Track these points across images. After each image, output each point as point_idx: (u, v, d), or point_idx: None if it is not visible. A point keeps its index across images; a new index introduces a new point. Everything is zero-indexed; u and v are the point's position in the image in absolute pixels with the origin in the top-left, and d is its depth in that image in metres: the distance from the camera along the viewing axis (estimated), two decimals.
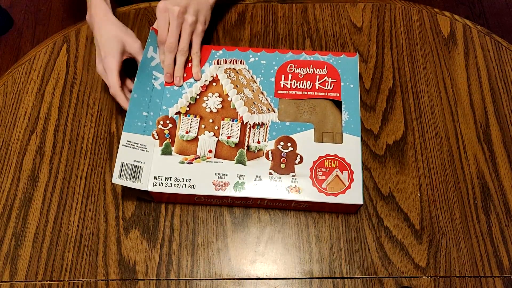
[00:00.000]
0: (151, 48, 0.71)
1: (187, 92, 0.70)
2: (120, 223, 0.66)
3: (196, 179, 0.63)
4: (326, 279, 0.62)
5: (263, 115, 0.67)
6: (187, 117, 0.68)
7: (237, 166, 0.64)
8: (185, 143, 0.66)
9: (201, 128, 0.67)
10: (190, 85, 0.70)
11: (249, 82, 0.70)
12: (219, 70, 0.71)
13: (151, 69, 0.70)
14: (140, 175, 0.63)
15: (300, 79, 0.70)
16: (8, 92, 0.77)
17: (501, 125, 0.72)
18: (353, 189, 0.62)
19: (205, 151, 0.66)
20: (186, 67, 0.72)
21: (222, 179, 0.63)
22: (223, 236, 0.65)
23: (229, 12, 0.84)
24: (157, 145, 0.66)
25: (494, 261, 0.63)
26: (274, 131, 0.66)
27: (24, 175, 0.70)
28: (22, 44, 1.69)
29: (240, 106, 0.67)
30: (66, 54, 0.80)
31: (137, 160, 0.64)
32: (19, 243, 0.65)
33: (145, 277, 0.63)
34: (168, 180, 0.63)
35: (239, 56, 0.72)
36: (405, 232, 0.65)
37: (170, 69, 0.70)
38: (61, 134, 0.73)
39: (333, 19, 0.83)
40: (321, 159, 0.64)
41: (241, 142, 0.66)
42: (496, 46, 0.79)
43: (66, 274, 0.63)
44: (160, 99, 0.69)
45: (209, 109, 0.68)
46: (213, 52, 0.73)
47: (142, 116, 0.67)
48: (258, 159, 0.65)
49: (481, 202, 0.67)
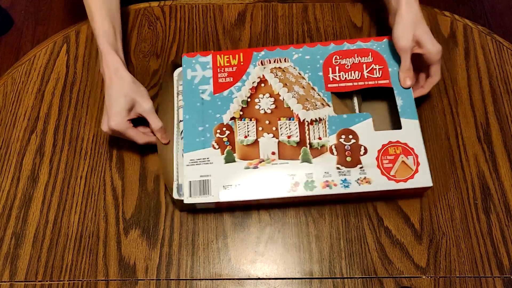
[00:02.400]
0: (188, 70, 0.70)
1: (237, 97, 0.68)
2: (120, 223, 0.66)
3: (265, 184, 0.63)
4: (326, 279, 0.62)
5: (319, 111, 0.66)
6: (242, 121, 0.67)
7: (303, 165, 0.64)
8: (246, 148, 0.65)
9: (259, 131, 0.66)
10: (238, 88, 0.69)
11: (297, 79, 0.69)
12: (265, 71, 0.69)
13: (196, 86, 0.69)
14: (209, 188, 0.63)
15: (347, 70, 0.69)
16: (8, 92, 0.77)
17: (502, 125, 0.72)
18: (420, 173, 0.62)
19: (268, 154, 0.65)
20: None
21: (292, 180, 0.63)
22: (223, 236, 0.65)
23: (229, 12, 0.84)
24: (219, 154, 0.65)
25: (494, 261, 0.63)
26: (333, 125, 0.65)
27: (24, 175, 0.70)
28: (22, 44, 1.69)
29: (294, 104, 0.67)
30: (66, 54, 0.80)
31: (203, 174, 0.63)
32: (19, 243, 0.65)
33: (145, 277, 0.63)
34: (238, 187, 0.63)
35: (282, 55, 0.71)
36: (405, 232, 0.65)
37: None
38: (61, 134, 0.73)
39: (333, 19, 0.83)
40: (384, 147, 0.64)
41: (302, 140, 0.65)
42: (497, 46, 0.79)
43: (66, 274, 0.63)
44: (212, 109, 0.68)
45: (263, 110, 0.67)
46: (255, 54, 0.71)
47: (198, 132, 0.66)
48: (322, 155, 0.64)
49: (481, 202, 0.67)
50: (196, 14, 0.84)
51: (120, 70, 0.67)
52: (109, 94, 0.66)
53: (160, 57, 0.80)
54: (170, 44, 0.81)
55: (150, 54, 0.80)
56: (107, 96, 0.66)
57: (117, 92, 0.66)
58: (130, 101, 0.66)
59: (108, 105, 0.66)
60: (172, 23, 0.83)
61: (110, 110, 0.65)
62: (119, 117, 0.65)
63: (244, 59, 0.71)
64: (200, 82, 0.70)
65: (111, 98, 0.66)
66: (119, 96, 0.65)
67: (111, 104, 0.65)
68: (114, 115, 0.65)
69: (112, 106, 0.65)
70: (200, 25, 0.83)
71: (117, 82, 0.66)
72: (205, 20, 0.83)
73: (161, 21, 0.83)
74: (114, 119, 0.65)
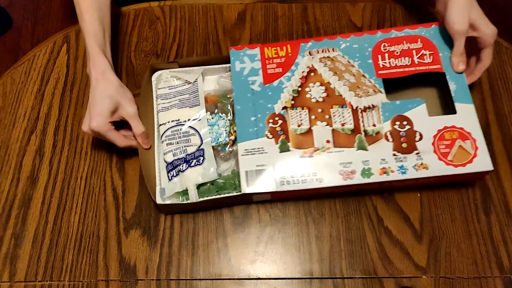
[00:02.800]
0: (237, 62, 0.71)
1: (287, 86, 0.68)
2: (121, 223, 0.66)
3: (321, 172, 0.63)
4: (326, 279, 0.62)
5: (371, 97, 0.66)
6: (294, 110, 0.67)
7: (359, 152, 0.63)
8: (300, 137, 0.65)
9: (312, 119, 0.66)
10: (288, 78, 0.69)
11: (347, 67, 0.68)
12: (313, 61, 0.69)
13: (245, 77, 0.70)
14: (265, 178, 0.63)
15: (397, 56, 0.69)
16: (8, 92, 0.77)
17: (501, 125, 0.72)
18: (479, 157, 0.62)
19: (323, 142, 0.64)
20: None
21: (348, 168, 0.62)
22: (223, 236, 0.65)
23: (229, 12, 0.84)
24: (273, 143, 0.65)
25: (494, 261, 0.63)
26: (386, 112, 0.65)
27: (23, 175, 0.70)
28: (22, 44, 1.68)
29: (346, 92, 0.66)
30: (66, 54, 0.80)
31: (259, 164, 0.64)
32: (18, 243, 0.65)
33: (145, 277, 0.63)
34: (294, 177, 0.63)
35: (329, 45, 0.71)
36: (405, 232, 0.65)
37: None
38: (61, 134, 0.73)
39: (333, 19, 0.83)
40: (440, 132, 0.63)
41: (356, 127, 0.65)
42: (496, 46, 0.79)
43: (66, 274, 0.63)
44: (263, 99, 0.68)
45: (314, 99, 0.67)
46: (302, 45, 0.71)
47: (251, 122, 0.66)
48: (378, 142, 0.64)
49: (481, 202, 0.67)
50: (196, 14, 0.84)
51: (107, 72, 0.67)
52: (94, 95, 0.65)
53: (161, 56, 0.80)
54: (170, 44, 0.81)
55: (151, 54, 0.80)
56: (91, 96, 0.66)
57: (102, 93, 0.65)
58: (114, 103, 0.65)
59: (92, 105, 0.65)
60: (172, 23, 0.83)
61: (93, 111, 0.64)
62: (101, 118, 0.64)
63: (292, 50, 0.71)
64: (249, 74, 0.70)
65: (95, 99, 0.65)
66: (103, 97, 0.65)
67: (95, 105, 0.65)
68: (96, 116, 0.64)
69: (95, 107, 0.64)
70: (200, 25, 0.83)
71: (103, 84, 0.66)
72: (205, 20, 0.83)
73: (161, 21, 0.83)
74: (96, 119, 0.64)
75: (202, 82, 0.72)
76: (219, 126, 0.67)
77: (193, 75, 0.72)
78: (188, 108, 0.69)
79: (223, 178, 0.65)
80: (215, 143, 0.66)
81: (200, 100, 0.70)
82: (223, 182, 0.65)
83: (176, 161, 0.66)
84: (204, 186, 0.65)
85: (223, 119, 0.68)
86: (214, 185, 0.65)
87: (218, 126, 0.67)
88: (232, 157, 0.68)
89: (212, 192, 0.65)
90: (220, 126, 0.68)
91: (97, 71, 0.66)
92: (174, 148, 0.67)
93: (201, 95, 0.70)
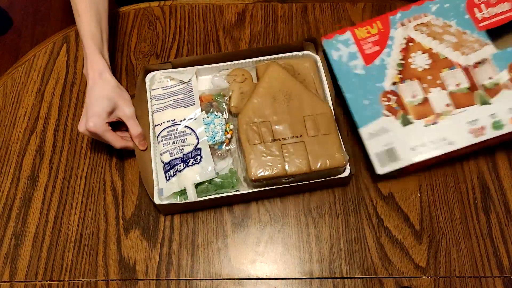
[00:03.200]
0: (332, 51, 0.70)
1: (390, 62, 0.68)
2: (120, 223, 0.66)
3: (451, 135, 0.63)
4: (326, 279, 0.62)
5: (479, 52, 0.65)
6: (404, 84, 0.67)
7: (483, 108, 0.63)
8: (418, 107, 0.65)
9: (424, 88, 0.66)
10: (388, 54, 0.69)
11: (445, 29, 0.68)
12: (408, 30, 0.69)
13: (345, 64, 0.70)
14: (396, 155, 0.63)
15: (494, 4, 0.68)
16: (8, 92, 0.77)
17: None
18: None
19: (443, 107, 0.64)
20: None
21: (476, 125, 0.62)
22: (223, 236, 0.65)
23: (229, 12, 0.84)
24: (393, 120, 0.65)
25: (494, 261, 0.63)
26: (499, 62, 0.65)
27: (24, 175, 0.70)
28: (21, 44, 1.68)
29: (451, 53, 0.66)
30: (66, 54, 0.80)
31: (386, 143, 0.64)
32: (19, 243, 0.65)
33: (145, 277, 0.63)
34: (425, 146, 0.63)
35: (419, 11, 0.70)
36: (405, 232, 0.65)
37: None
38: (61, 134, 0.73)
39: (333, 19, 0.83)
40: None
41: (472, 85, 0.64)
42: None
43: (66, 274, 0.63)
44: (370, 80, 0.68)
45: (421, 68, 0.67)
46: (391, 18, 0.71)
47: (365, 106, 0.67)
48: (500, 93, 0.63)
49: (481, 202, 0.67)
50: (196, 14, 0.84)
51: (105, 73, 0.66)
52: (91, 95, 0.65)
53: (160, 57, 0.80)
54: (170, 44, 0.81)
55: (150, 54, 0.80)
56: (88, 97, 0.65)
57: (100, 94, 0.65)
58: (111, 104, 0.65)
59: (89, 105, 0.64)
60: (172, 23, 0.83)
61: (90, 111, 0.64)
62: (98, 119, 0.63)
63: (382, 25, 0.70)
64: (348, 59, 0.70)
65: (92, 99, 0.64)
66: (101, 97, 0.64)
67: (92, 105, 0.64)
68: (93, 116, 0.63)
69: (93, 107, 0.64)
70: (200, 25, 0.83)
71: (100, 84, 0.65)
72: (205, 20, 0.83)
73: (161, 21, 0.83)
74: (93, 120, 0.63)
75: (196, 82, 0.72)
76: (215, 124, 0.67)
77: (186, 75, 0.72)
78: (183, 108, 0.69)
79: (221, 177, 0.65)
80: (211, 142, 0.66)
81: (195, 99, 0.70)
82: (221, 181, 0.65)
83: (173, 161, 0.66)
84: (202, 185, 0.65)
85: (218, 117, 0.68)
86: (212, 184, 0.65)
87: (214, 124, 0.67)
88: (229, 156, 0.68)
89: (211, 191, 0.65)
90: (216, 124, 0.67)
91: (95, 72, 0.66)
92: (171, 148, 0.66)
93: (195, 95, 0.70)
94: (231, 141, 0.68)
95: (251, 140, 0.65)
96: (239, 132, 0.66)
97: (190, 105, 0.69)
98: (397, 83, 0.67)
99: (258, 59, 0.74)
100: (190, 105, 0.69)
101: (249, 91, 0.70)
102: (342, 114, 0.71)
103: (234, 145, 0.68)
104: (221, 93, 0.71)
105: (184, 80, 0.71)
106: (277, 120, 0.66)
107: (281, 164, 0.63)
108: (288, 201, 0.67)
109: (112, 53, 0.71)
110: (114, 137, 0.66)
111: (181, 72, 0.73)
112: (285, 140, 0.65)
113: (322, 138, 0.65)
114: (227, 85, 0.71)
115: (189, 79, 0.71)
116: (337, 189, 0.68)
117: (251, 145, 0.64)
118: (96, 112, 0.64)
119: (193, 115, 0.68)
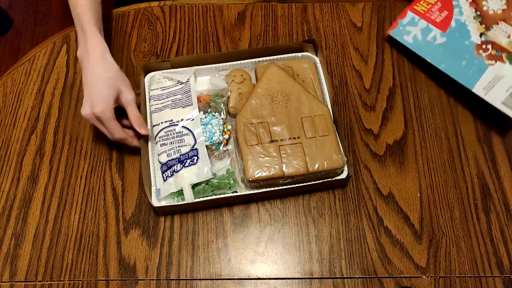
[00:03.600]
0: (405, 36, 0.70)
1: (466, 18, 0.68)
2: (120, 223, 0.66)
3: None
4: (326, 279, 0.62)
5: None
6: (492, 30, 0.66)
7: None
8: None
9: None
10: (459, 12, 0.69)
11: None
12: None
13: (423, 41, 0.69)
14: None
15: None
16: (8, 92, 0.77)
17: (501, 126, 0.72)
18: None
19: None
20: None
21: None
22: (223, 236, 0.65)
23: (229, 12, 0.84)
24: (501, 66, 0.65)
25: (494, 261, 0.63)
26: None
27: (24, 175, 0.70)
28: (21, 44, 1.69)
29: None
30: (66, 54, 0.80)
31: (507, 88, 0.64)
32: (19, 243, 0.65)
33: (145, 277, 0.63)
34: None
35: None
36: (405, 232, 0.65)
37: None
38: (61, 134, 0.73)
39: (333, 19, 0.83)
40: None
41: None
42: None
43: (66, 274, 0.63)
44: (457, 43, 0.68)
45: (499, 11, 0.67)
46: None
47: (465, 66, 0.67)
48: None
49: (481, 202, 0.67)
50: (196, 14, 0.84)
51: (106, 54, 0.63)
52: (95, 78, 0.62)
53: (160, 57, 0.80)
54: (170, 44, 0.81)
55: (150, 54, 0.80)
56: (90, 79, 0.62)
57: (104, 76, 0.62)
58: (116, 88, 0.63)
59: (93, 88, 0.61)
60: (172, 23, 0.83)
61: (97, 94, 0.61)
62: (106, 104, 0.61)
63: None
64: (424, 35, 0.70)
65: (97, 82, 0.61)
66: (106, 81, 0.62)
67: (98, 89, 0.61)
68: (101, 101, 0.61)
69: (99, 91, 0.61)
70: (200, 25, 0.83)
71: (104, 67, 0.62)
72: (205, 20, 0.84)
73: (161, 21, 0.83)
74: (101, 105, 0.60)
75: (194, 82, 0.72)
76: (212, 125, 0.67)
77: (185, 75, 0.72)
78: (181, 108, 0.69)
79: (218, 177, 0.65)
80: (209, 142, 0.66)
81: (192, 100, 0.69)
82: (217, 182, 0.65)
83: (170, 161, 0.66)
84: (199, 186, 0.65)
85: (216, 118, 0.68)
86: (209, 185, 0.65)
87: (212, 125, 0.67)
88: (227, 156, 0.68)
89: (208, 192, 0.64)
90: (214, 125, 0.67)
91: (95, 54, 0.63)
92: (168, 149, 0.66)
93: (193, 95, 0.70)
94: (229, 142, 0.68)
95: (249, 141, 0.65)
96: (236, 132, 0.66)
97: (188, 105, 0.69)
98: (485, 33, 0.67)
99: (257, 60, 0.74)
100: (188, 105, 0.69)
101: (248, 91, 0.70)
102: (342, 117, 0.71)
103: (232, 146, 0.68)
104: (219, 93, 0.71)
105: (182, 81, 0.71)
106: (275, 121, 0.66)
107: (278, 165, 0.63)
108: (288, 201, 0.67)
109: (112, 53, 0.71)
110: (116, 126, 0.64)
111: (180, 72, 0.73)
112: (283, 141, 0.65)
113: (320, 139, 0.65)
114: (225, 86, 0.71)
115: (187, 79, 0.71)
116: (337, 189, 0.68)
117: (249, 146, 0.64)
118: (104, 97, 0.61)
119: (191, 116, 0.68)
